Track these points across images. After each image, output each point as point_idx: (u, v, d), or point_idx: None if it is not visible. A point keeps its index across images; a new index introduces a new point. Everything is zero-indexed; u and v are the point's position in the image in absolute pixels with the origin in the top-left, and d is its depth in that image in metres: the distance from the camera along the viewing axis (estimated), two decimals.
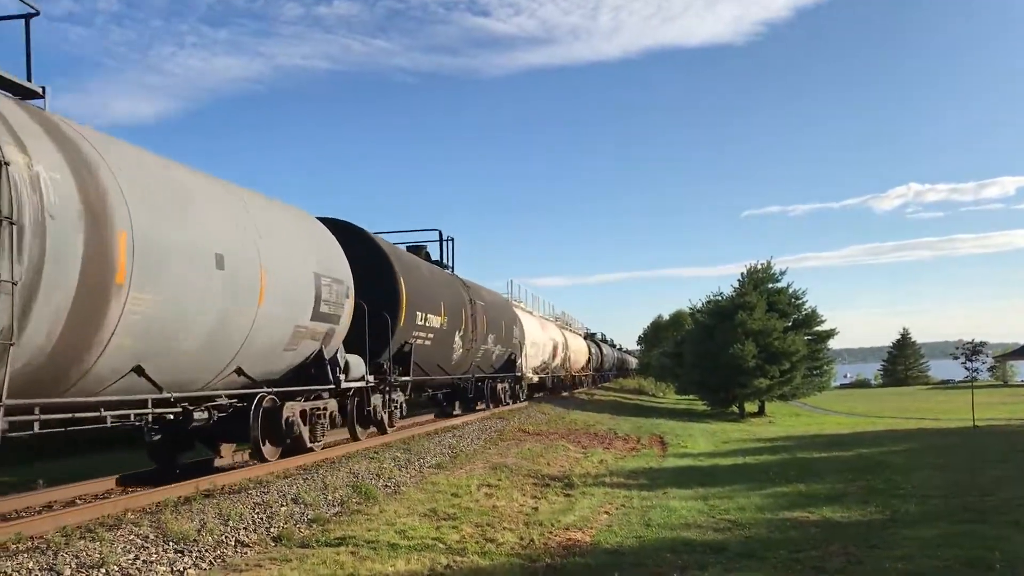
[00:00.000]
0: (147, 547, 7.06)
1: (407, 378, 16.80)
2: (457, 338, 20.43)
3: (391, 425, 16.55)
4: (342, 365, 13.55)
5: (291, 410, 12.20)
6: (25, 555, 6.46)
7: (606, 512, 11.05)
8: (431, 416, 23.63)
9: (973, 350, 28.67)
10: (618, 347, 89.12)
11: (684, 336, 49.83)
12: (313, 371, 12.93)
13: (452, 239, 23.44)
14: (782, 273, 41.66)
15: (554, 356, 38.09)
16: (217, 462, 12.45)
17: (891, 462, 16.43)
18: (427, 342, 17.92)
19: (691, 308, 45.71)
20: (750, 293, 39.27)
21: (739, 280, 41.43)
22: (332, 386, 13.22)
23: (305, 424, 12.63)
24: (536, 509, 10.91)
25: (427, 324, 17.78)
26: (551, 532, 9.38)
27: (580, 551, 8.50)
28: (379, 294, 15.34)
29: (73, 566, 6.32)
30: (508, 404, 28.12)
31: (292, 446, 12.44)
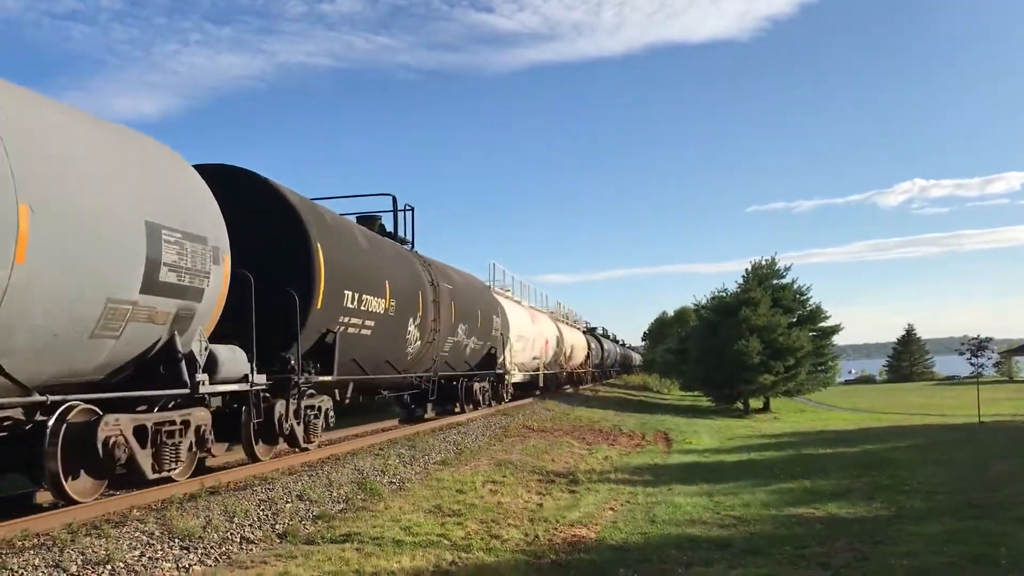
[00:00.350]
0: (152, 544, 7.07)
1: (326, 377, 12.58)
2: (412, 328, 16.30)
3: (309, 440, 12.74)
4: (201, 361, 9.43)
5: (113, 428, 8.20)
6: (31, 552, 6.47)
7: (611, 508, 11.05)
8: (394, 422, 20.11)
9: (979, 346, 28.61)
10: (622, 343, 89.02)
11: (689, 332, 49.86)
12: (162, 370, 9.08)
13: (411, 208, 18.96)
14: (787, 269, 41.66)
15: (547, 351, 34.66)
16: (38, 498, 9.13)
17: (896, 458, 16.40)
18: (364, 331, 13.80)
19: (696, 304, 45.73)
20: (755, 289, 39.23)
21: (744, 276, 41.43)
22: (185, 391, 9.20)
23: (147, 446, 8.80)
24: (541, 506, 10.91)
25: (363, 308, 13.57)
26: (556, 529, 9.38)
27: (585, 547, 8.50)
28: (283, 264, 11.40)
29: (79, 563, 6.33)
30: (490, 406, 24.69)
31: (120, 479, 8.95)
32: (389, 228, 18.10)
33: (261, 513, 8.64)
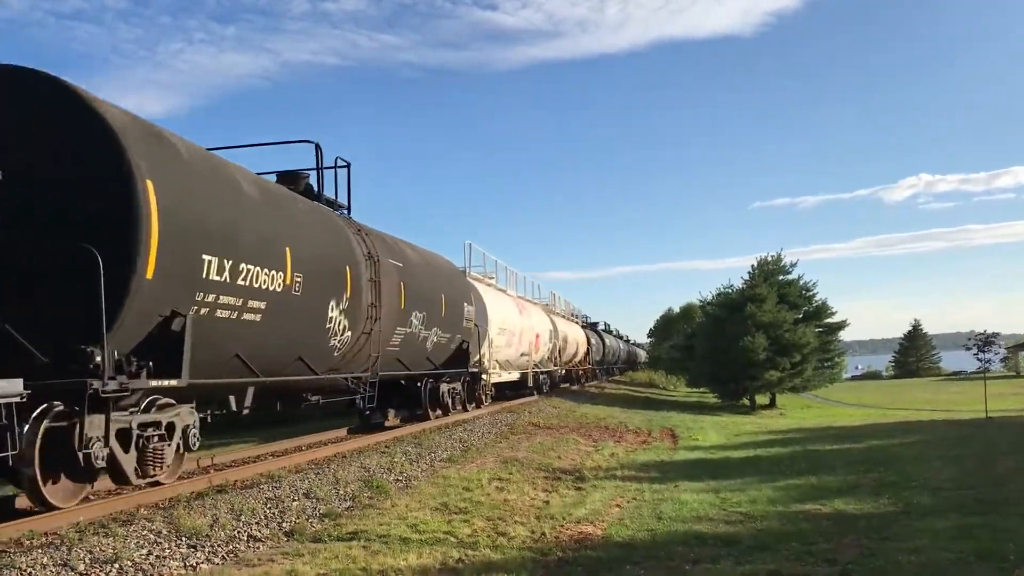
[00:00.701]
0: (160, 542, 7.09)
1: (170, 382, 8.64)
2: (335, 313, 12.44)
3: (145, 476, 8.88)
4: None
5: None
6: (40, 551, 6.50)
7: (617, 505, 11.05)
8: (341, 432, 16.83)
9: (985, 341, 28.52)
10: (626, 339, 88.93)
11: (695, 329, 49.87)
12: None
13: (347, 165, 15.15)
14: (792, 265, 41.64)
15: (538, 347, 31.29)
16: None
17: (903, 454, 16.38)
18: (247, 315, 9.99)
19: (701, 301, 45.74)
20: (760, 285, 39.21)
21: (749, 272, 41.41)
22: None
23: None
24: (547, 503, 10.92)
25: (242, 283, 9.69)
26: (563, 526, 9.38)
27: (592, 544, 8.50)
28: (78, 207, 7.87)
29: (87, 561, 6.36)
30: (460, 411, 21.19)
31: None
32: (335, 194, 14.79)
33: (268, 511, 8.65)
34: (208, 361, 9.51)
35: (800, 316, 39.88)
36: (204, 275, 9.03)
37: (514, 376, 28.37)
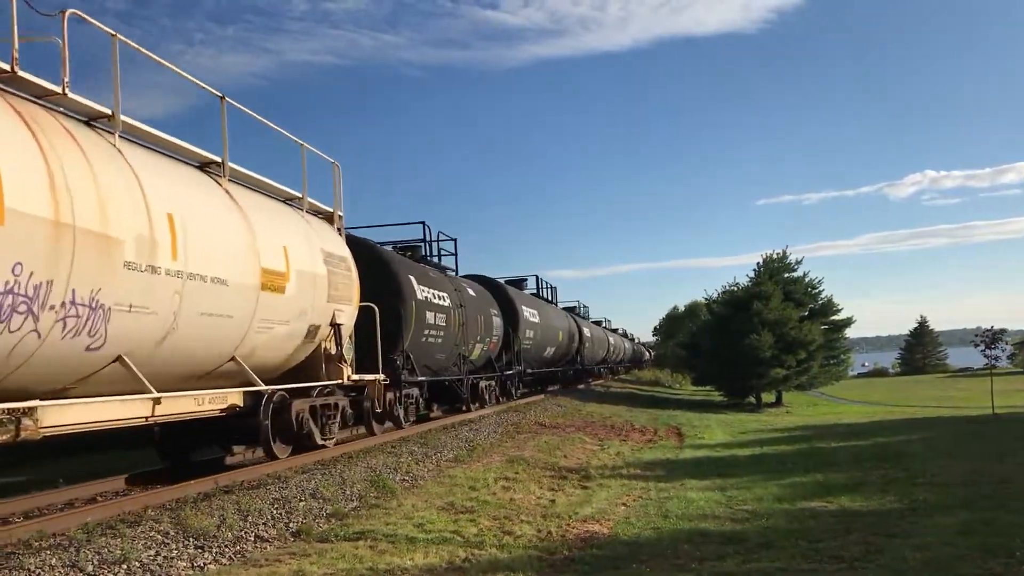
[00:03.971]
0: (167, 543, 7.12)
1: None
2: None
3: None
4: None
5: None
6: (48, 552, 6.53)
7: (623, 504, 11.05)
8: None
9: (992, 337, 28.43)
10: (632, 338, 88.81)
11: (700, 327, 49.77)
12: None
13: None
14: (798, 262, 41.52)
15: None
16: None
17: (910, 451, 16.35)
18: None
19: (707, 298, 45.66)
20: (766, 283, 39.14)
21: (755, 270, 41.32)
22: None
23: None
24: (553, 501, 10.93)
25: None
26: (569, 524, 9.39)
27: (598, 543, 8.50)
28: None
29: (95, 562, 6.38)
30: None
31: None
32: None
33: (275, 511, 8.67)
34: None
35: (806, 313, 39.80)
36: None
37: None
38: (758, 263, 41.48)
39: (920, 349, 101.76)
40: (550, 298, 36.89)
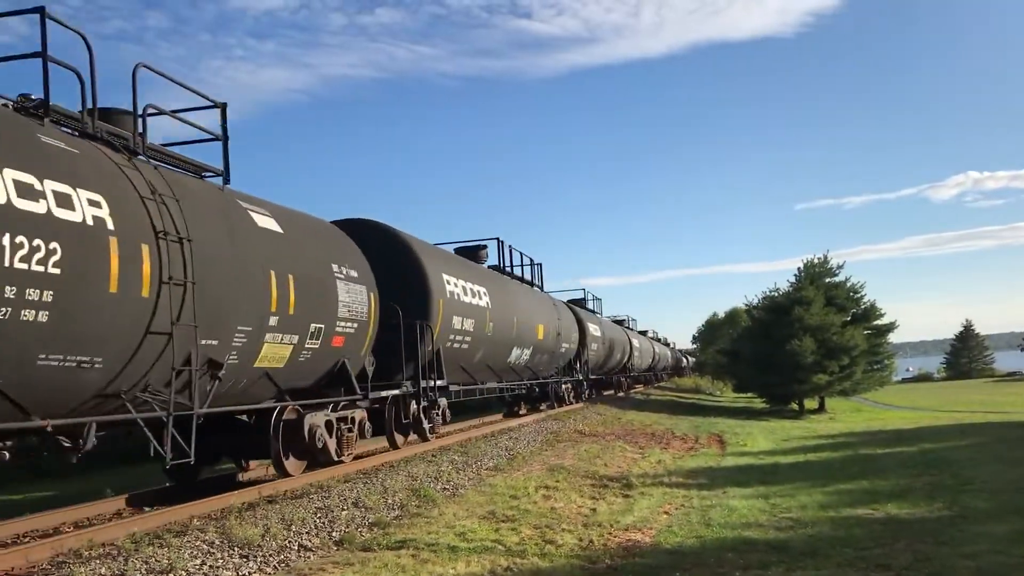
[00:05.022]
0: (213, 552, 7.20)
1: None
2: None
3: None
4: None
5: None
6: (98, 561, 6.64)
7: (665, 512, 10.98)
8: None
9: None
10: (672, 345, 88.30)
11: (740, 333, 49.32)
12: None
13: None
14: (839, 267, 40.95)
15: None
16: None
17: (957, 457, 16.06)
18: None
19: (747, 305, 45.23)
20: (807, 288, 38.67)
21: (796, 275, 40.86)
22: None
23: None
24: (595, 510, 10.89)
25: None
26: (611, 533, 9.35)
27: (640, 552, 8.46)
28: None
29: (143, 572, 6.48)
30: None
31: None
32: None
33: (318, 521, 8.74)
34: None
35: (848, 318, 39.24)
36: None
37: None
38: (799, 268, 41.01)
39: (966, 353, 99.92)
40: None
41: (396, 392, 14.53)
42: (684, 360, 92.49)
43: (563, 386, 28.35)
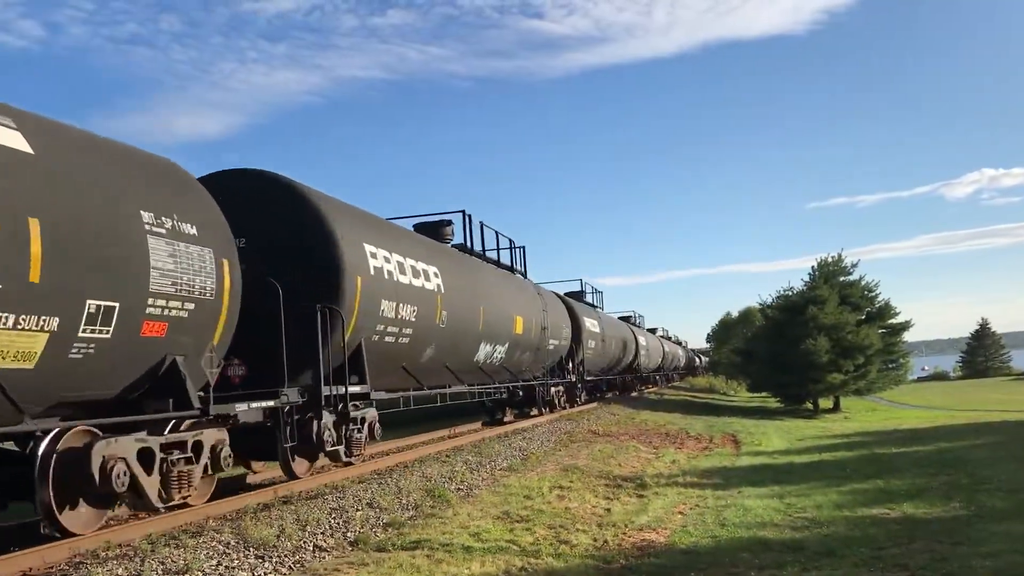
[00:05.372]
0: (229, 553, 7.23)
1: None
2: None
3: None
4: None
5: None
6: (115, 562, 6.68)
7: (680, 512, 10.96)
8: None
9: None
10: (685, 345, 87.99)
11: (754, 333, 49.22)
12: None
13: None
14: (854, 266, 40.83)
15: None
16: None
17: (974, 456, 15.96)
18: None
19: (761, 304, 45.12)
20: (821, 287, 38.56)
21: (810, 274, 40.76)
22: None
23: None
24: (609, 510, 10.87)
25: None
26: (625, 533, 9.34)
27: (655, 552, 8.44)
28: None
29: (160, 572, 6.51)
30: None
31: None
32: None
33: (333, 521, 8.76)
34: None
35: (863, 317, 39.09)
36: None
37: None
38: (812, 267, 40.94)
39: (982, 352, 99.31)
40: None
41: (266, 404, 10.14)
42: (697, 360, 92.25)
43: (552, 389, 24.99)
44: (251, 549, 7.43)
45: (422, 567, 7.31)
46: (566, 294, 30.55)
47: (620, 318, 45.18)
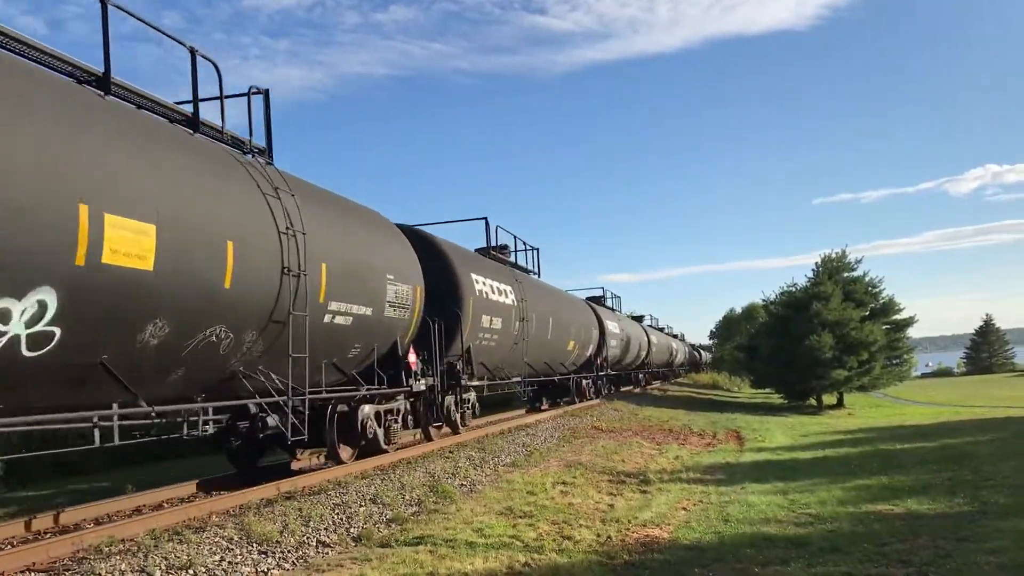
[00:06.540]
0: (232, 548, 7.23)
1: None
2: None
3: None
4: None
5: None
6: (118, 557, 6.68)
7: (683, 508, 10.95)
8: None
9: None
10: (689, 341, 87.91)
11: (758, 329, 49.16)
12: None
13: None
14: (858, 262, 40.79)
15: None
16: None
17: (978, 452, 15.92)
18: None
19: (764, 300, 45.06)
20: (825, 283, 38.51)
21: (813, 270, 40.73)
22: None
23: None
24: (612, 506, 10.87)
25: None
26: (628, 529, 9.33)
27: (658, 548, 8.43)
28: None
29: (163, 567, 6.51)
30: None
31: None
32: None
33: (336, 517, 8.76)
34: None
35: (867, 313, 39.01)
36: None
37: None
38: (816, 263, 40.92)
39: (986, 348, 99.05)
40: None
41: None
42: (701, 356, 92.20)
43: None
44: (254, 544, 7.43)
45: (425, 563, 7.31)
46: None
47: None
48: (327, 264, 10.47)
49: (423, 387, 14.15)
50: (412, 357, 13.57)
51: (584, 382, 29.18)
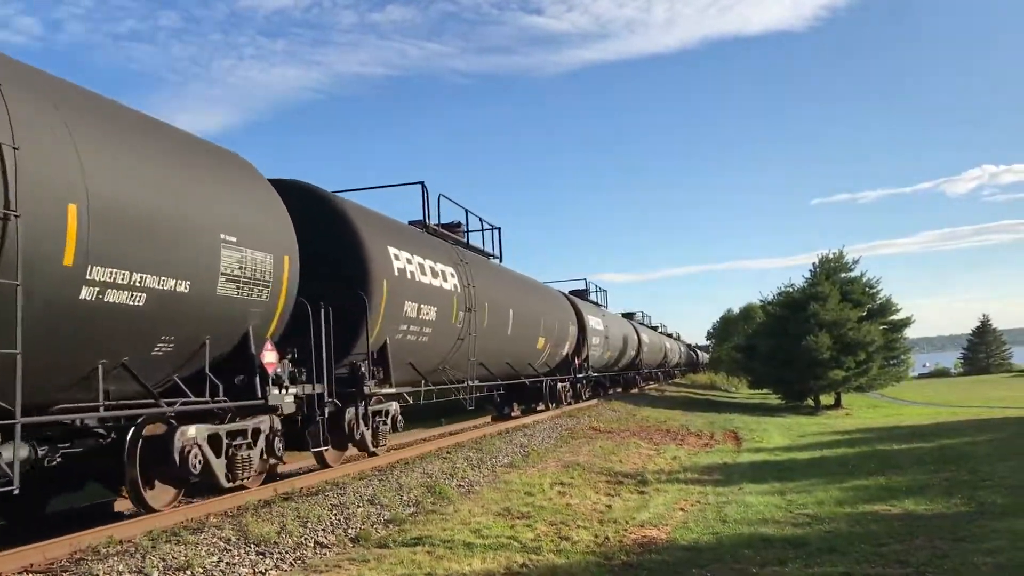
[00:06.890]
0: (230, 549, 7.23)
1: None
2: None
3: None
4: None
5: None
6: (115, 558, 6.67)
7: (681, 509, 10.96)
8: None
9: None
10: (686, 342, 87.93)
11: (756, 329, 49.19)
12: None
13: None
14: (855, 262, 40.83)
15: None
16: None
17: (975, 452, 15.95)
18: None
19: (762, 300, 45.10)
20: (823, 283, 38.54)
21: (811, 270, 40.76)
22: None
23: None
24: (610, 507, 10.87)
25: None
26: (626, 529, 9.33)
27: (656, 548, 8.44)
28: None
29: (161, 568, 6.51)
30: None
31: None
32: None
33: (334, 518, 8.76)
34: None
35: (864, 314, 39.03)
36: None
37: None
38: (814, 263, 40.95)
39: (983, 348, 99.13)
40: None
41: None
42: (698, 356, 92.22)
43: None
44: (252, 545, 7.43)
45: (423, 563, 7.31)
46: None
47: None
48: (78, 205, 6.57)
49: (289, 399, 10.05)
50: (269, 356, 9.54)
51: (560, 385, 25.69)
